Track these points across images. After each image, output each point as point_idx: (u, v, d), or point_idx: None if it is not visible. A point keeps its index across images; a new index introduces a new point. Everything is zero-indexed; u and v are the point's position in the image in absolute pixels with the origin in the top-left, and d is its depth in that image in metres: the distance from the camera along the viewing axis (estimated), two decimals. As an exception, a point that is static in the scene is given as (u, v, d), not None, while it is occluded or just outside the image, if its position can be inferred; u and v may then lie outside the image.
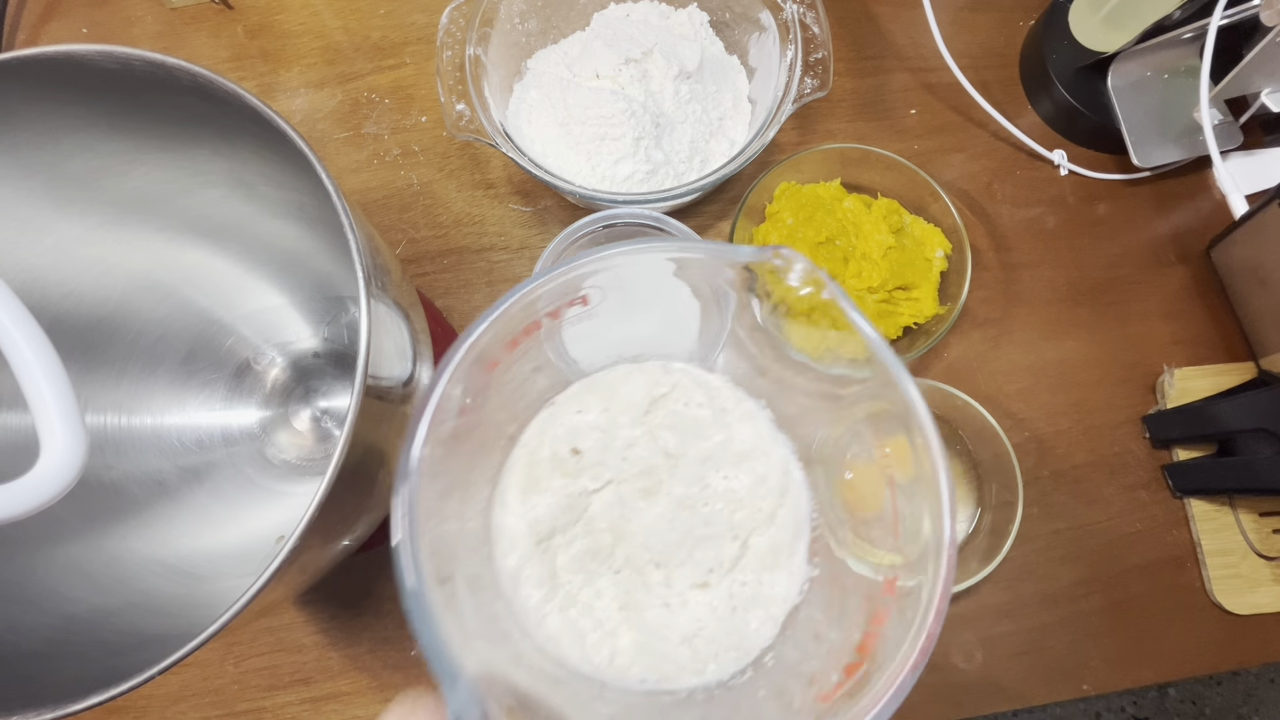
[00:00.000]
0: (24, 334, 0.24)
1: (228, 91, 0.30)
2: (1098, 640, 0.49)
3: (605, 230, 0.47)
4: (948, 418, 0.52)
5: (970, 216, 0.56)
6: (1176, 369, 0.52)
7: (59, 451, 0.24)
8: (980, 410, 0.48)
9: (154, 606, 0.36)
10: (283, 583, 0.29)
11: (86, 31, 0.59)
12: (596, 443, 0.30)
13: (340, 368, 0.48)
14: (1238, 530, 0.50)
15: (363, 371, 0.28)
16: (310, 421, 0.48)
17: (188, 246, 0.44)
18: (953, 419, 0.51)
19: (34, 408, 0.24)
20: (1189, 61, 0.54)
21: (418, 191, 0.56)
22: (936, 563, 0.25)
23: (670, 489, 0.30)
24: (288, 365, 0.48)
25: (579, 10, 0.55)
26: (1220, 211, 0.53)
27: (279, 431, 0.47)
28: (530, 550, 0.28)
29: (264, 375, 0.48)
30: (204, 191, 0.41)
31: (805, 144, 0.57)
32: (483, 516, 0.29)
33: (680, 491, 0.30)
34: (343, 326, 0.48)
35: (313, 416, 0.48)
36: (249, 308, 0.47)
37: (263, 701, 0.47)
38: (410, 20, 0.59)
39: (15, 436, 0.38)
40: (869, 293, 0.50)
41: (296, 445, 0.47)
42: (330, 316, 0.48)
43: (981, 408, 0.48)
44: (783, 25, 0.50)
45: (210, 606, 0.32)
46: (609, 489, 0.30)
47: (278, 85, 0.58)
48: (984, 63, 0.59)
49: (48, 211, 0.38)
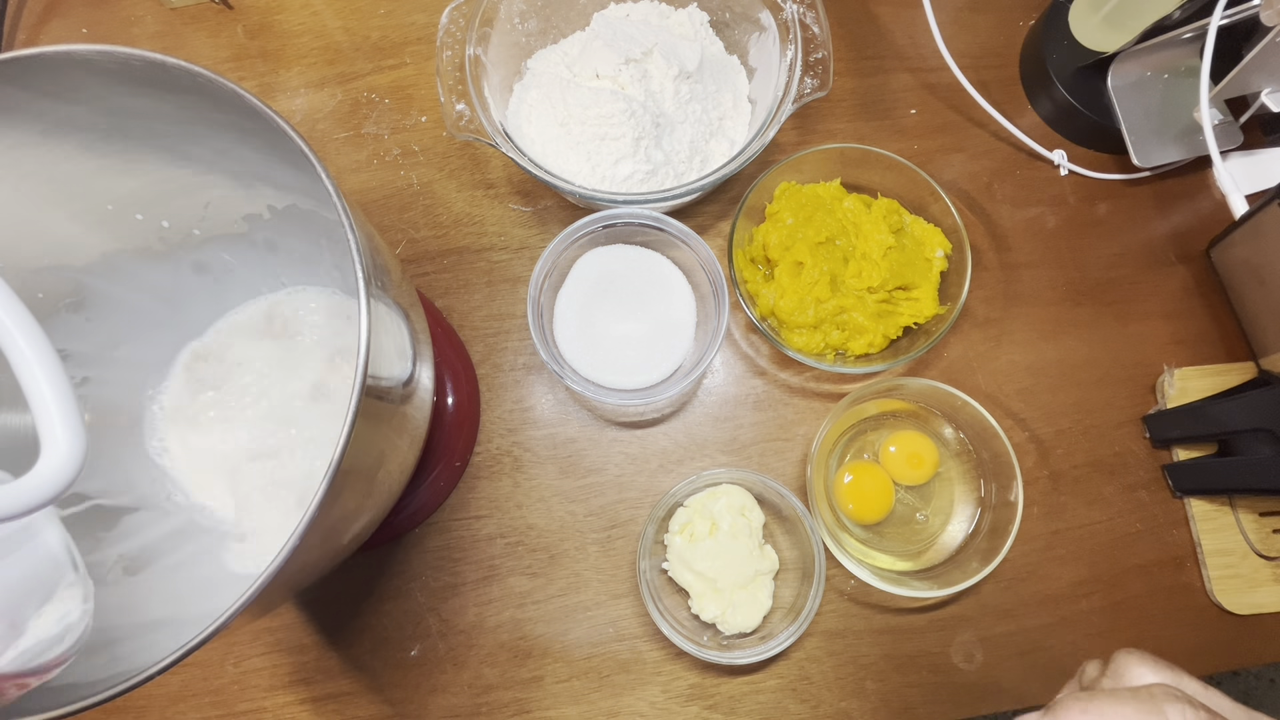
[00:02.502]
0: (24, 334, 0.24)
1: (228, 91, 0.30)
2: (1098, 640, 0.49)
3: (605, 230, 0.47)
4: (948, 418, 0.51)
5: (970, 216, 0.56)
6: (1176, 369, 0.52)
7: (59, 451, 0.24)
8: (980, 410, 0.48)
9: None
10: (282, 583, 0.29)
11: (86, 31, 0.59)
12: None
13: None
14: (1238, 530, 0.50)
15: (362, 371, 0.28)
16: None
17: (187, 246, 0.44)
18: (953, 419, 0.51)
19: (34, 408, 0.24)
20: (1189, 61, 0.54)
21: (418, 191, 0.56)
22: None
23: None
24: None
25: (579, 10, 0.55)
26: (1220, 211, 0.53)
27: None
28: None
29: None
30: (204, 192, 0.41)
31: (805, 144, 0.57)
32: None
33: None
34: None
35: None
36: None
37: (263, 701, 0.47)
38: (410, 20, 0.59)
39: (15, 436, 0.38)
40: (869, 293, 0.50)
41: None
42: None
43: (981, 407, 0.48)
44: (783, 25, 0.50)
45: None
46: None
47: (278, 85, 0.58)
48: (984, 63, 0.59)
49: (48, 211, 0.38)
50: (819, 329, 0.50)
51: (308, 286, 0.48)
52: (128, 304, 0.43)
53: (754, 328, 0.51)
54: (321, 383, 0.46)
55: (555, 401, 0.52)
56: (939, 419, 0.52)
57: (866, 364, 0.50)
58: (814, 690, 0.48)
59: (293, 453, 0.45)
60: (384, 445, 0.33)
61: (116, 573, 0.38)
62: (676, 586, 0.48)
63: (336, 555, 0.34)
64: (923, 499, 0.51)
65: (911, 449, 0.50)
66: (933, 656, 0.48)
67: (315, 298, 0.47)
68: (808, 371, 0.53)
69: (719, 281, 0.46)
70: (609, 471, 0.51)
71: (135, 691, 0.26)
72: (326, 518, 0.28)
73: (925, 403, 0.52)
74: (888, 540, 0.50)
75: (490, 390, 0.52)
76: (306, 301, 0.47)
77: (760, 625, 0.47)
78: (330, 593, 0.49)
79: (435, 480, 0.49)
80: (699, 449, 0.51)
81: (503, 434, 0.51)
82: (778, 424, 0.52)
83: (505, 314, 0.53)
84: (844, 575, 0.49)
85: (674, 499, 0.48)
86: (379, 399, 0.30)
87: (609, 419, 0.52)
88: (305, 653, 0.48)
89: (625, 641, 0.48)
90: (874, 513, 0.50)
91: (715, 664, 0.48)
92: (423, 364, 0.37)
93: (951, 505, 0.51)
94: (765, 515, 0.49)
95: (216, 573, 0.40)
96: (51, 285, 0.40)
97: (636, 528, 0.50)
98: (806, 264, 0.49)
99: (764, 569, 0.47)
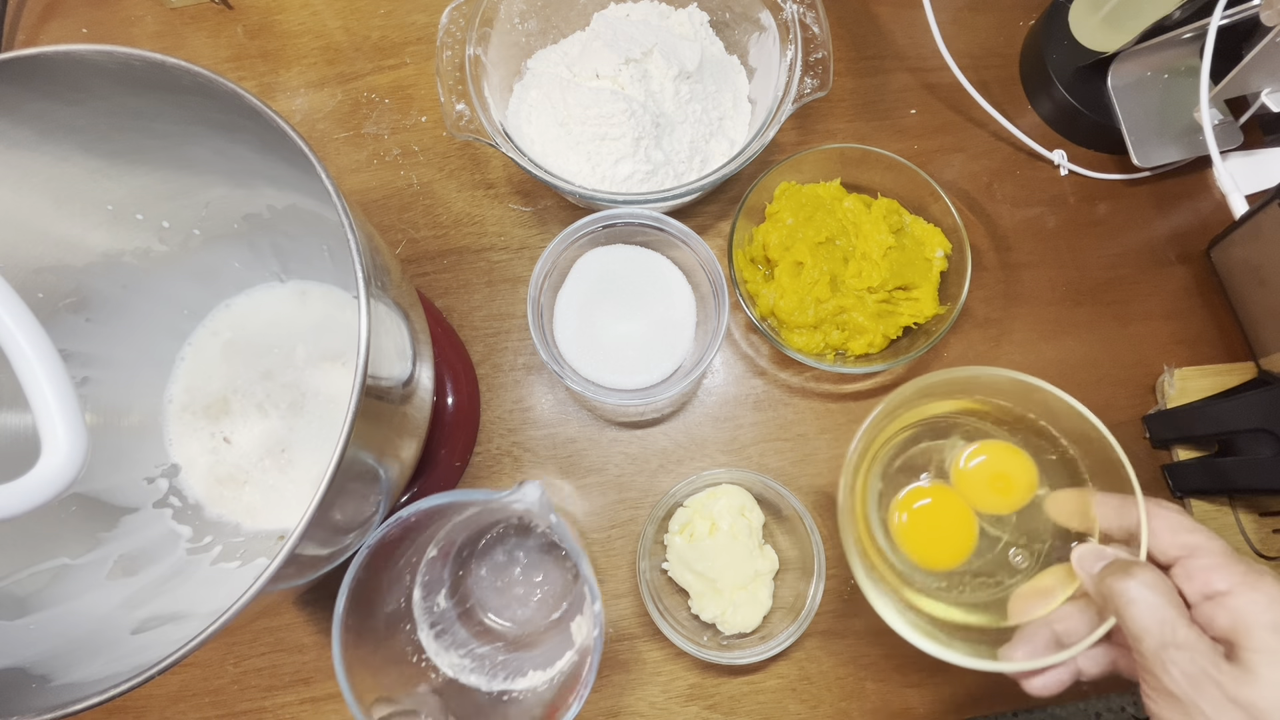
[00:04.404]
0: (25, 334, 0.24)
1: (228, 91, 0.30)
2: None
3: (605, 230, 0.47)
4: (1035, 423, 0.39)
5: (970, 216, 0.56)
6: (1176, 369, 0.52)
7: (59, 451, 0.24)
8: (1085, 413, 0.36)
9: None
10: (283, 583, 0.29)
11: (86, 31, 0.59)
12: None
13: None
14: (1238, 530, 0.50)
15: (362, 371, 0.28)
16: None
17: (188, 246, 0.44)
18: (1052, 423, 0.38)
19: (35, 407, 0.24)
20: (1189, 61, 0.54)
21: (418, 191, 0.56)
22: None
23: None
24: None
25: (579, 10, 0.55)
26: (1220, 211, 0.53)
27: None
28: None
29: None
30: (204, 192, 0.41)
31: (805, 144, 0.57)
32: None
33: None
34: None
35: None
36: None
37: (263, 701, 0.47)
38: (410, 20, 0.59)
39: (15, 436, 0.38)
40: (869, 293, 0.50)
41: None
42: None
43: (1084, 409, 0.36)
44: (783, 25, 0.50)
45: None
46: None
47: (278, 85, 0.58)
48: (984, 63, 0.59)
49: (48, 211, 0.38)
50: (819, 329, 0.50)
51: (307, 286, 0.48)
52: (128, 304, 0.43)
53: (754, 328, 0.51)
54: (321, 383, 0.46)
55: (555, 401, 0.52)
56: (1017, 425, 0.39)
57: (866, 364, 0.50)
58: (814, 690, 0.48)
59: (293, 452, 0.45)
60: (384, 445, 0.33)
61: (116, 572, 0.38)
62: (676, 586, 0.48)
63: (336, 555, 0.34)
64: (1016, 529, 0.38)
65: (1001, 465, 0.37)
66: (933, 656, 0.48)
67: (315, 297, 0.47)
68: (808, 371, 0.53)
69: (719, 281, 0.46)
70: (609, 471, 0.51)
71: (135, 691, 0.26)
72: (326, 518, 0.28)
73: (1002, 398, 0.38)
74: (965, 592, 0.37)
75: (490, 390, 0.52)
76: (306, 301, 0.47)
77: (760, 625, 0.47)
78: (330, 593, 0.48)
79: (435, 480, 0.49)
80: (699, 449, 0.51)
81: (503, 434, 0.51)
82: (778, 424, 0.52)
83: (505, 314, 0.53)
84: (844, 575, 0.49)
85: (674, 499, 0.48)
86: (379, 399, 0.30)
87: (609, 419, 0.52)
88: (305, 653, 0.48)
89: (625, 641, 0.48)
90: (951, 556, 0.37)
91: (715, 664, 0.48)
92: (423, 364, 0.37)
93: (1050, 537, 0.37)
94: (765, 515, 0.49)
95: (216, 573, 0.40)
96: (51, 285, 0.40)
97: (636, 528, 0.50)
98: (806, 264, 0.49)
99: (764, 569, 0.47)
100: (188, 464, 0.45)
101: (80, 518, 0.39)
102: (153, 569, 0.39)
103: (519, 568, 0.47)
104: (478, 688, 0.41)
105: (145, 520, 0.42)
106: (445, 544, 0.45)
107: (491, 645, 0.45)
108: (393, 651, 0.40)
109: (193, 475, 0.45)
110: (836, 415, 0.52)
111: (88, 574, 0.37)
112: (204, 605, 0.36)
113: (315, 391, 0.46)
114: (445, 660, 0.42)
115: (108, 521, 0.40)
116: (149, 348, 0.45)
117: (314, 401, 0.45)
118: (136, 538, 0.41)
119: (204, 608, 0.36)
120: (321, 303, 0.47)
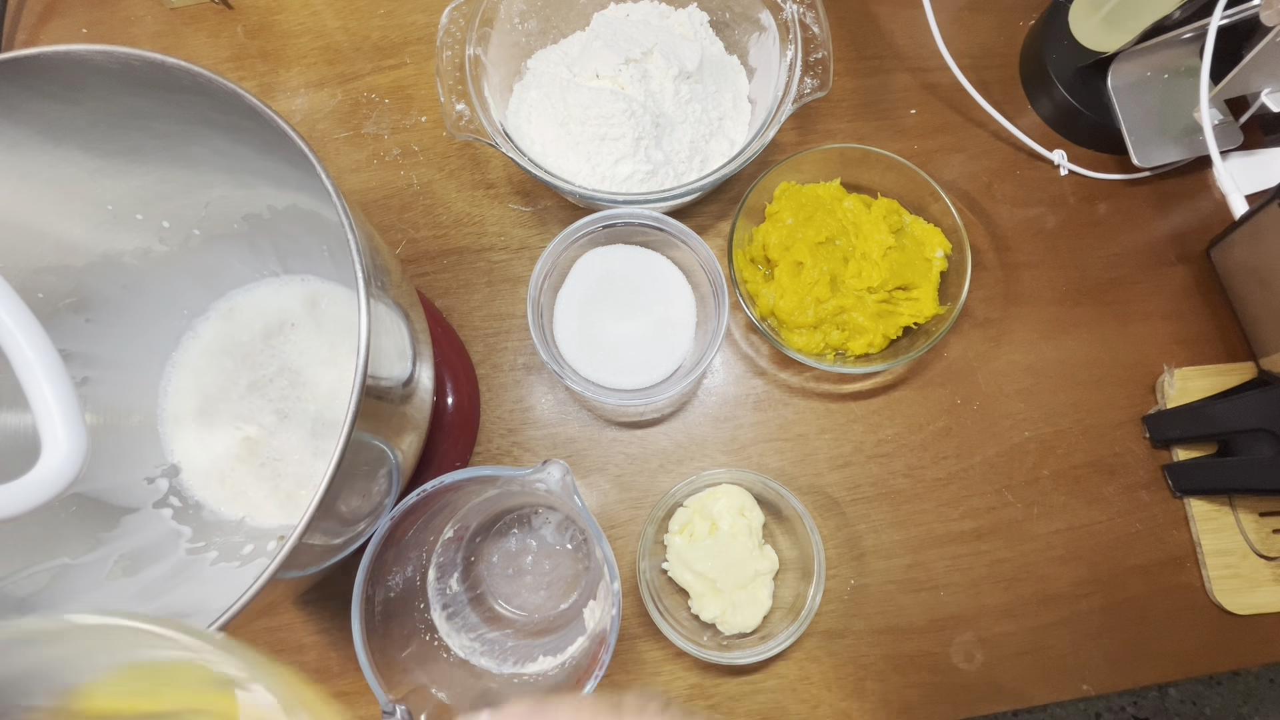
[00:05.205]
0: (26, 333, 0.24)
1: (228, 91, 0.30)
2: (1098, 640, 0.49)
3: (605, 230, 0.47)
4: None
5: (970, 216, 0.56)
6: (1176, 369, 0.52)
7: (59, 451, 0.24)
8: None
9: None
10: (283, 583, 0.29)
11: (86, 31, 0.59)
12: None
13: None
14: (1238, 530, 0.50)
15: (362, 371, 0.28)
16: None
17: (188, 246, 0.44)
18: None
19: (35, 407, 0.24)
20: (1189, 61, 0.54)
21: (418, 191, 0.56)
22: None
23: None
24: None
25: (579, 10, 0.55)
26: (1220, 211, 0.53)
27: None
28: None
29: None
30: (204, 192, 0.41)
31: (805, 144, 0.57)
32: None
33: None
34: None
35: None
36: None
37: (263, 701, 0.47)
38: (410, 20, 0.59)
39: (15, 436, 0.38)
40: (869, 293, 0.50)
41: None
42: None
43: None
44: (783, 25, 0.50)
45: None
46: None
47: (278, 85, 0.58)
48: (984, 63, 0.59)
49: (48, 211, 0.38)
50: (819, 329, 0.50)
51: (308, 286, 0.48)
52: (128, 304, 0.43)
53: (754, 328, 0.51)
54: (321, 382, 0.46)
55: (555, 401, 0.52)
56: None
57: (866, 364, 0.50)
58: (814, 690, 0.48)
59: (293, 452, 0.45)
60: (384, 445, 0.33)
61: (116, 573, 0.38)
62: (676, 586, 0.48)
63: (336, 555, 0.34)
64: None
65: None
66: (933, 656, 0.48)
67: (316, 297, 0.47)
68: (808, 371, 0.53)
69: (719, 281, 0.46)
70: (609, 471, 0.51)
71: (135, 691, 0.26)
72: (326, 518, 0.28)
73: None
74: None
75: (490, 390, 0.52)
76: (306, 301, 0.47)
77: (760, 625, 0.47)
78: (330, 593, 0.49)
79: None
80: (699, 449, 0.51)
81: (503, 434, 0.51)
82: (778, 424, 0.52)
83: (505, 314, 0.53)
84: (844, 575, 0.49)
85: (674, 499, 0.48)
86: (379, 399, 0.30)
87: (609, 419, 0.52)
88: (305, 653, 0.48)
89: (625, 641, 0.48)
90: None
91: (715, 664, 0.48)
92: (423, 364, 0.37)
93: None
94: (765, 515, 0.49)
95: (216, 573, 0.40)
96: (51, 285, 0.40)
97: (636, 528, 0.50)
98: (806, 264, 0.49)
99: (764, 569, 0.47)
100: (188, 464, 0.45)
101: (80, 518, 0.39)
102: (153, 569, 0.39)
103: (530, 556, 0.48)
104: (489, 669, 0.42)
105: (145, 520, 0.42)
106: (460, 527, 0.45)
107: (501, 631, 0.45)
108: (406, 627, 0.40)
109: (193, 475, 0.45)
110: (836, 415, 0.52)
111: (88, 574, 0.37)
112: (204, 605, 0.36)
113: (315, 391, 0.46)
114: (457, 642, 0.43)
115: (108, 521, 0.40)
116: (149, 348, 0.45)
117: (314, 401, 0.45)
118: (137, 538, 0.41)
119: (204, 608, 0.36)
120: (321, 302, 0.47)
